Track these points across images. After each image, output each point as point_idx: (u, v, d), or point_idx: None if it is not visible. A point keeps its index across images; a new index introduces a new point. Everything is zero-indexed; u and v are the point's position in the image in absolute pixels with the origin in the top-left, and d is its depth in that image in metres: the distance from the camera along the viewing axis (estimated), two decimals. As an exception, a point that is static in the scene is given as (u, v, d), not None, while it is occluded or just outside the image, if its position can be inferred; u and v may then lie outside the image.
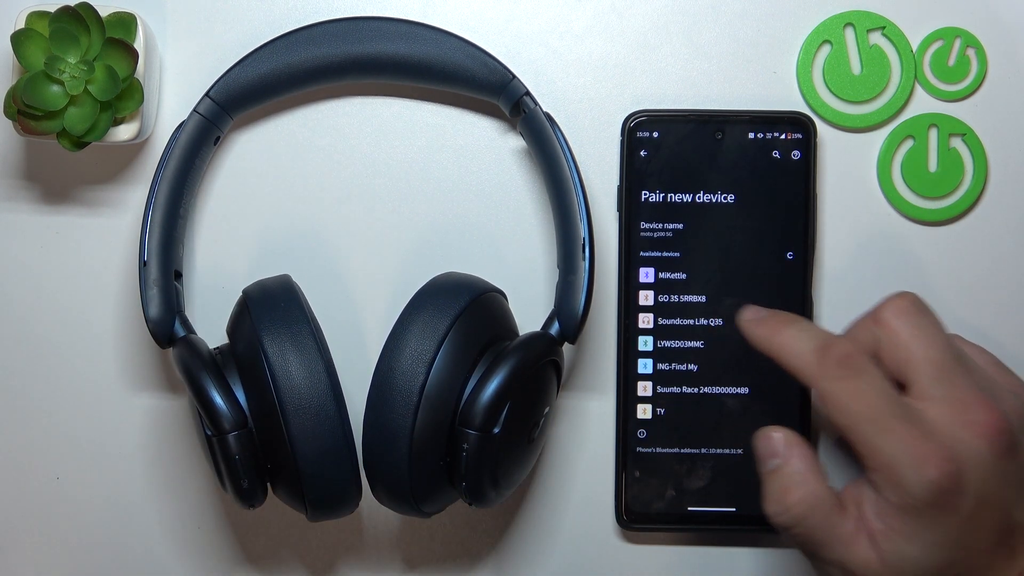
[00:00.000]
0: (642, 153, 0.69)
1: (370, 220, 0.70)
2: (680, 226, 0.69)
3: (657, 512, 0.70)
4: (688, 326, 0.69)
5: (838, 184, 0.70)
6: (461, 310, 0.63)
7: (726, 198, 0.69)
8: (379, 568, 0.72)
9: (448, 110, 0.70)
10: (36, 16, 0.65)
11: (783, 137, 0.69)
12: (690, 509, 0.69)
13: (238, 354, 0.64)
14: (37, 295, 0.71)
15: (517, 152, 0.70)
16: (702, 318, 0.69)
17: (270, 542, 0.72)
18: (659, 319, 0.69)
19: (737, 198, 0.69)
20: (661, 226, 0.69)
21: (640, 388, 0.69)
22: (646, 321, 0.69)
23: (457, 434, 0.62)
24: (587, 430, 0.71)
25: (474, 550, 0.72)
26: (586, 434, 0.71)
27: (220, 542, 0.72)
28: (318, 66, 0.67)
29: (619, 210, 0.69)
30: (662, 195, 0.69)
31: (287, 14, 0.70)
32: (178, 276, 0.67)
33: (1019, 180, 0.70)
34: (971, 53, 0.70)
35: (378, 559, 0.72)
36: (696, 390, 0.69)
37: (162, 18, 0.70)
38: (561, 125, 0.67)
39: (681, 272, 0.69)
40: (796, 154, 0.69)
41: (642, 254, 0.69)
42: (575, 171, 0.65)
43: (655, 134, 0.69)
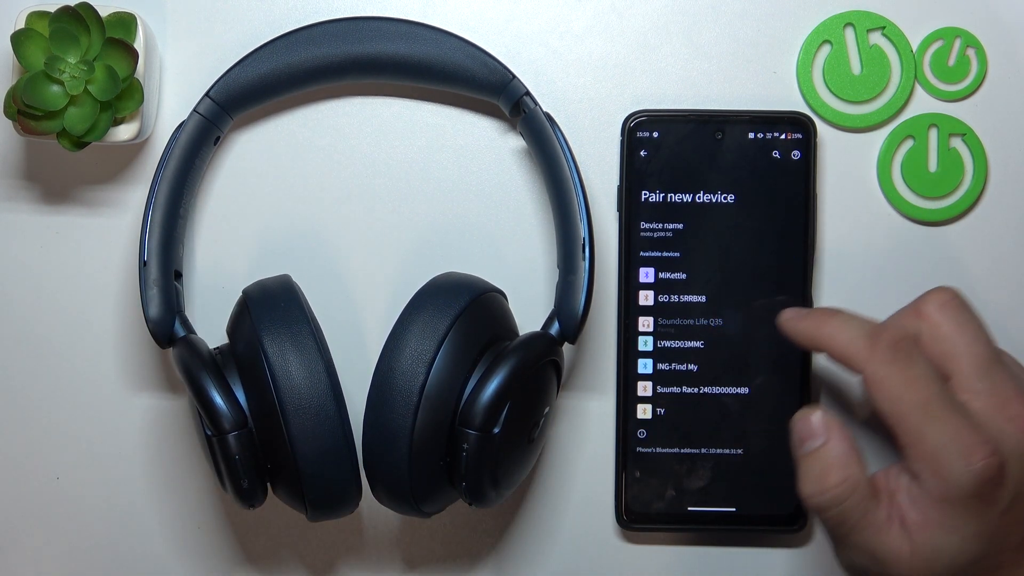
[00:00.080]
0: (642, 153, 0.69)
1: (370, 220, 0.70)
2: (680, 226, 0.69)
3: (657, 512, 0.70)
4: (688, 326, 0.69)
5: (838, 184, 0.70)
6: (461, 310, 0.63)
7: (726, 198, 0.69)
8: (379, 568, 0.72)
9: (448, 110, 0.70)
10: (36, 16, 0.65)
11: (783, 137, 0.69)
12: (690, 509, 0.69)
13: (238, 354, 0.64)
14: (37, 295, 0.71)
15: (517, 152, 0.70)
16: (702, 318, 0.69)
17: (270, 542, 0.72)
18: (659, 319, 0.69)
19: (737, 198, 0.69)
20: (661, 226, 0.69)
21: (640, 388, 0.69)
22: (646, 322, 0.69)
23: (457, 434, 0.62)
24: (587, 430, 0.71)
25: (474, 550, 0.72)
26: (586, 434, 0.71)
27: (220, 542, 0.72)
28: (318, 66, 0.67)
29: (619, 210, 0.69)
30: (662, 195, 0.69)
31: (287, 14, 0.70)
32: (178, 276, 0.67)
33: (1019, 180, 0.70)
34: (971, 53, 0.70)
35: (378, 559, 0.72)
36: (696, 390, 0.69)
37: (162, 18, 0.70)
38: (561, 125, 0.67)
39: (681, 272, 0.69)
40: (796, 154, 0.69)
41: (642, 254, 0.69)
42: (575, 171, 0.65)
43: (655, 134, 0.69)
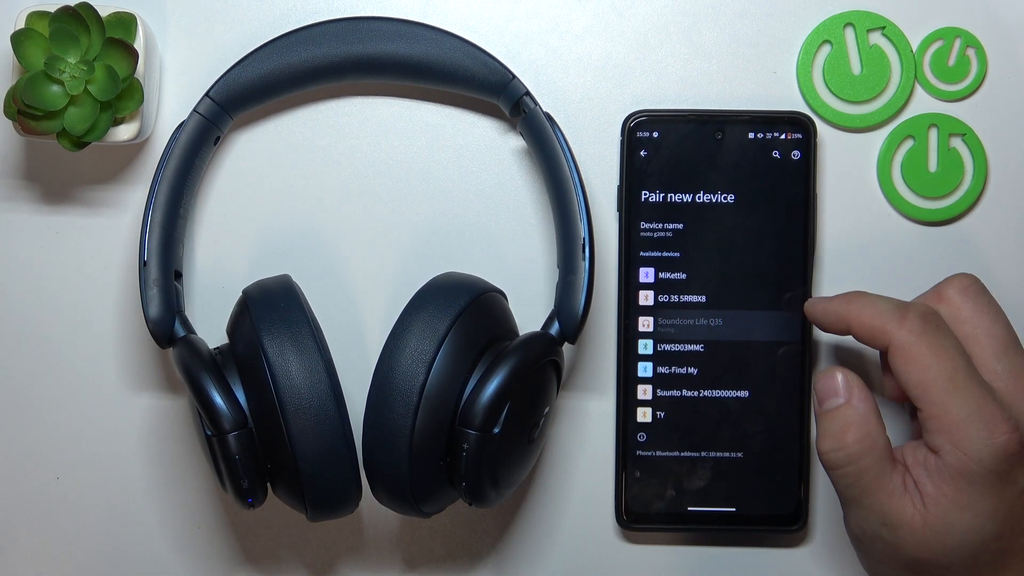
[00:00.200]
0: (642, 153, 0.69)
1: (370, 220, 0.70)
2: (680, 226, 0.69)
3: (657, 512, 0.70)
4: (688, 326, 0.69)
5: (838, 184, 0.70)
6: (461, 310, 0.63)
7: (726, 198, 0.69)
8: (379, 568, 0.72)
9: (448, 110, 0.70)
10: (36, 16, 0.65)
11: (783, 137, 0.69)
12: (690, 509, 0.69)
13: (238, 354, 0.64)
14: (37, 295, 0.71)
15: (517, 152, 0.70)
16: (702, 318, 0.69)
17: (270, 542, 0.72)
18: (659, 319, 0.69)
19: (737, 198, 0.69)
20: (661, 226, 0.69)
21: (640, 391, 0.69)
22: (646, 323, 0.69)
23: (457, 434, 0.62)
24: (587, 430, 0.71)
25: (474, 550, 0.72)
26: (586, 434, 0.71)
27: (220, 542, 0.72)
28: (318, 66, 0.67)
29: (619, 210, 0.69)
30: (662, 195, 0.69)
31: (287, 14, 0.70)
32: (178, 276, 0.67)
33: (1019, 180, 0.70)
34: (971, 53, 0.70)
35: (378, 559, 0.72)
36: (696, 393, 0.69)
37: (162, 18, 0.70)
38: (561, 125, 0.67)
39: (681, 272, 0.69)
40: (796, 154, 0.69)
41: (642, 254, 0.69)
42: (575, 171, 0.65)
43: (655, 134, 0.69)
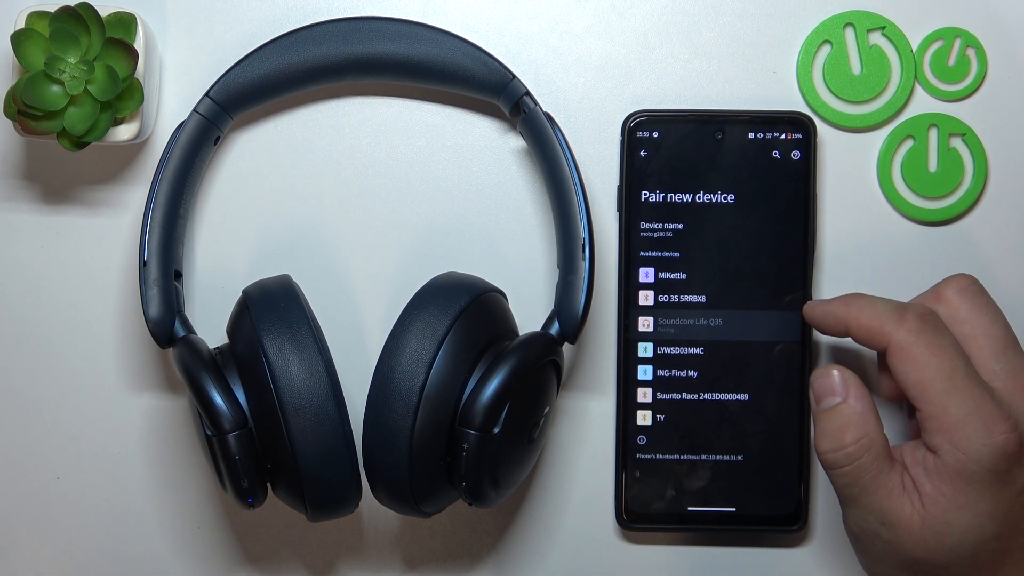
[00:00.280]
0: (642, 153, 0.69)
1: (370, 220, 0.70)
2: (680, 226, 0.69)
3: (657, 512, 0.70)
4: (688, 326, 0.69)
5: (838, 184, 0.70)
6: (461, 310, 0.63)
7: (726, 198, 0.69)
8: (379, 568, 0.72)
9: (448, 110, 0.70)
10: (36, 16, 0.65)
11: (783, 137, 0.69)
12: (690, 509, 0.69)
13: (238, 354, 0.64)
14: (37, 295, 0.71)
15: (517, 152, 0.70)
16: (702, 318, 0.69)
17: (270, 542, 0.72)
18: (659, 319, 0.69)
19: (737, 198, 0.69)
20: (661, 226, 0.69)
21: (640, 394, 0.69)
22: (646, 323, 0.69)
23: (457, 434, 0.62)
24: (587, 430, 0.71)
25: (474, 550, 0.72)
26: (586, 434, 0.71)
27: (220, 542, 0.72)
28: (318, 66, 0.67)
29: (619, 210, 0.69)
30: (662, 195, 0.69)
31: (287, 14, 0.70)
32: (178, 276, 0.67)
33: (1019, 180, 0.70)
34: (971, 53, 0.70)
35: (378, 559, 0.72)
36: (696, 396, 0.69)
37: (162, 18, 0.70)
38: (561, 125, 0.67)
39: (681, 272, 0.69)
40: (796, 154, 0.69)
41: (642, 254, 0.69)
42: (575, 171, 0.65)
43: (655, 134, 0.69)
